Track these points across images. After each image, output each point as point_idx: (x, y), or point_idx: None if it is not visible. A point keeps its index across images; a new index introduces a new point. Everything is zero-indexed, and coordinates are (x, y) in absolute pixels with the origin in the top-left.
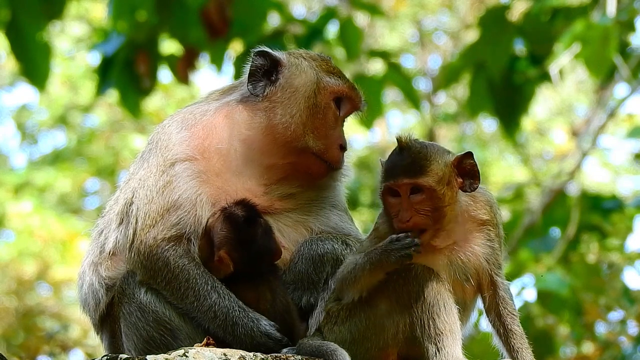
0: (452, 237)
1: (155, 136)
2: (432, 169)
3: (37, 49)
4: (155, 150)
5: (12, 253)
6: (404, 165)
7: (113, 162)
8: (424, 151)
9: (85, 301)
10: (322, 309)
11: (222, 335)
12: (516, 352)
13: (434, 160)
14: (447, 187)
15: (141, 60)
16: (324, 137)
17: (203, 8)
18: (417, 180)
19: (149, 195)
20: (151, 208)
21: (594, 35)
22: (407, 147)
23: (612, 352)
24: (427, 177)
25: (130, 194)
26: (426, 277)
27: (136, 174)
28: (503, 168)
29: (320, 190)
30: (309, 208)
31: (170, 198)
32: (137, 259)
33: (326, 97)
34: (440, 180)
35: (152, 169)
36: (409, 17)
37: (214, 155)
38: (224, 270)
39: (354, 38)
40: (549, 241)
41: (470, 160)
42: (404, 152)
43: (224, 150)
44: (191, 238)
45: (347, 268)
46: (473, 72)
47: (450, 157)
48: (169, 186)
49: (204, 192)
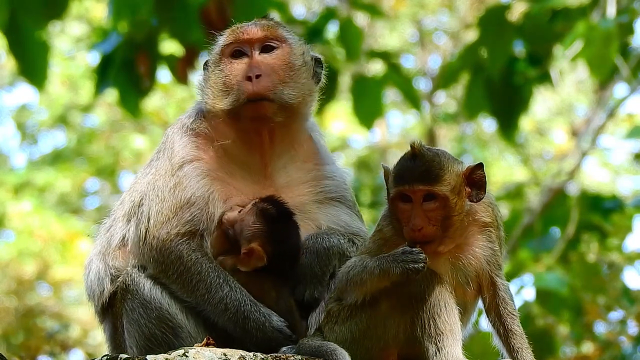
0: (455, 241)
1: (160, 145)
2: (447, 178)
3: (36, 48)
4: (162, 157)
5: (12, 253)
6: (420, 171)
7: (113, 162)
8: (438, 159)
9: (91, 288)
10: (323, 308)
11: (231, 329)
12: (516, 352)
13: (448, 169)
14: (458, 196)
15: (141, 61)
16: (232, 87)
17: (203, 8)
18: (433, 187)
19: (160, 195)
20: (164, 206)
21: (596, 36)
22: (420, 154)
23: (612, 352)
24: (442, 185)
25: (138, 197)
26: (427, 278)
27: (143, 179)
28: (503, 168)
29: (320, 179)
30: (317, 204)
31: (182, 196)
32: (150, 253)
33: (223, 57)
34: (453, 190)
35: (160, 172)
36: (409, 17)
37: (219, 153)
38: (253, 264)
39: (354, 38)
40: (548, 241)
41: (480, 172)
42: (418, 158)
43: (227, 146)
44: (204, 234)
45: (355, 270)
46: (472, 72)
47: (461, 167)
48: (179, 186)
49: (215, 189)
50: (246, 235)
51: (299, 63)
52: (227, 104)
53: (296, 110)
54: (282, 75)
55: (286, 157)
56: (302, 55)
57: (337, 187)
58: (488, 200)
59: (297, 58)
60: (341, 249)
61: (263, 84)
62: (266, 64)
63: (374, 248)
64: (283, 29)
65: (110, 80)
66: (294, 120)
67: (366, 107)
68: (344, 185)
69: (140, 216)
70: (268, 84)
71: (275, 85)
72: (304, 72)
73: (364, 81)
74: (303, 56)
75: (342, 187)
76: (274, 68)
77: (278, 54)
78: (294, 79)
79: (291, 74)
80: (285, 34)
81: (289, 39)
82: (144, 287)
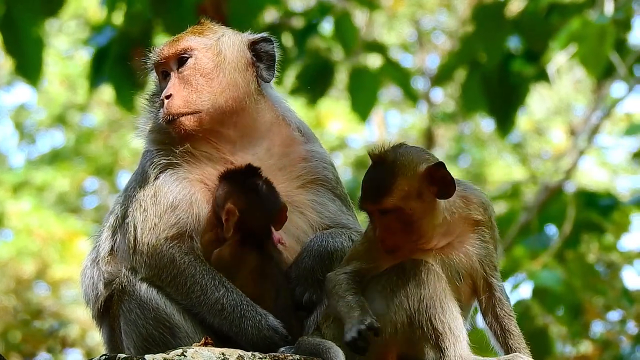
0: (447, 238)
1: (138, 163)
2: (397, 187)
3: (32, 45)
4: (138, 170)
5: (10, 252)
6: (368, 188)
7: (112, 161)
8: (391, 167)
9: (86, 294)
10: (322, 310)
11: (227, 329)
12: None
13: (400, 175)
14: (418, 200)
15: (137, 56)
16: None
17: (199, 3)
18: (381, 204)
19: (143, 205)
20: (148, 214)
21: (590, 33)
22: (378, 162)
23: (612, 352)
24: (390, 197)
25: (121, 210)
26: (422, 275)
27: (124, 194)
28: (501, 168)
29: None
30: (298, 190)
31: (164, 201)
32: (141, 260)
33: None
34: (407, 196)
35: (139, 184)
36: (408, 17)
37: (188, 157)
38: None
39: (350, 32)
40: (544, 238)
41: (442, 170)
42: (374, 169)
43: (192, 150)
44: (193, 235)
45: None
46: (467, 69)
47: (420, 168)
48: (159, 193)
49: (196, 190)
50: (219, 203)
51: (213, 64)
52: (156, 127)
53: (229, 108)
54: (195, 84)
55: (252, 147)
56: (218, 54)
57: (315, 167)
58: (480, 200)
59: (210, 60)
60: (344, 252)
61: (172, 103)
62: (180, 79)
63: (362, 251)
64: (196, 35)
65: (105, 74)
66: (238, 115)
67: (362, 100)
68: (322, 164)
69: (126, 227)
70: (178, 101)
71: (187, 99)
72: (226, 69)
73: (360, 73)
74: (221, 54)
75: (320, 167)
76: (187, 80)
77: (189, 64)
78: (208, 83)
79: (205, 79)
80: (196, 40)
81: (199, 44)
82: (141, 288)
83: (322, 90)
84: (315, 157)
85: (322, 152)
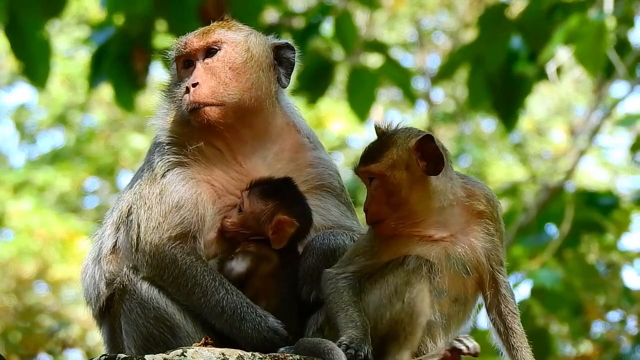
0: (449, 229)
1: (144, 156)
2: (386, 155)
3: (37, 47)
4: (145, 167)
5: (11, 252)
6: (363, 153)
7: (112, 161)
8: (387, 138)
9: (87, 293)
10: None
11: (227, 331)
12: (516, 351)
13: (392, 145)
14: (406, 171)
15: (138, 58)
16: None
17: (201, 4)
18: (368, 167)
19: (148, 203)
20: (152, 213)
21: (588, 31)
22: (379, 134)
23: (612, 351)
24: (377, 163)
25: (126, 206)
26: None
27: (130, 189)
28: (502, 168)
29: (302, 168)
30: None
31: (170, 201)
32: (143, 259)
33: (177, 68)
34: (394, 165)
35: (144, 182)
36: (408, 17)
37: (197, 157)
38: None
39: (351, 32)
40: (543, 237)
41: (432, 144)
42: (374, 139)
43: (203, 149)
44: (196, 236)
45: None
46: (471, 67)
47: (412, 141)
48: (165, 191)
49: (202, 191)
50: (266, 217)
51: (242, 59)
52: (177, 115)
53: (251, 106)
54: (223, 76)
55: (262, 150)
56: (247, 50)
57: (322, 174)
58: (484, 193)
59: (239, 55)
60: (346, 250)
61: (200, 91)
62: (207, 69)
63: (367, 247)
64: (225, 29)
65: (104, 73)
66: (256, 115)
67: (361, 99)
68: (328, 172)
69: (130, 224)
70: (205, 90)
71: (215, 89)
72: (252, 66)
73: (359, 71)
74: (249, 51)
75: (327, 174)
76: (215, 71)
77: (219, 56)
78: (236, 77)
79: (233, 73)
80: (226, 34)
81: (229, 38)
82: (142, 287)
83: (322, 90)
84: (321, 164)
85: (328, 160)
